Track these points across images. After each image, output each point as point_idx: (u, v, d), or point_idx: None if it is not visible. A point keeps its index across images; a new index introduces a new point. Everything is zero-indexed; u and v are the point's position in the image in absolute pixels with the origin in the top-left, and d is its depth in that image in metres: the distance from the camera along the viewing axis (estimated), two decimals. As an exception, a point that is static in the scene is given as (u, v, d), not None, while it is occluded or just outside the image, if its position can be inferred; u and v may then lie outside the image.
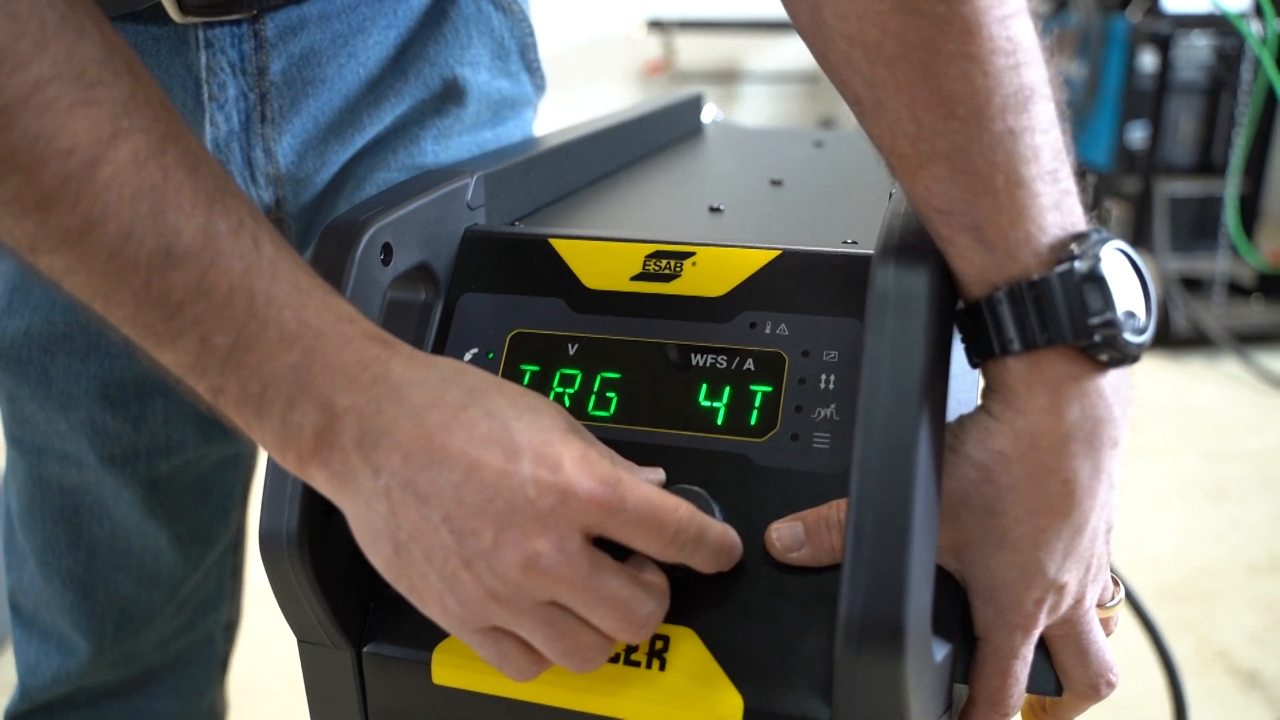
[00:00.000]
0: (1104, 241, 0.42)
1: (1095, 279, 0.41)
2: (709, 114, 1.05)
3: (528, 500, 0.40)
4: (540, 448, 0.40)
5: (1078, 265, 0.41)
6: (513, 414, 0.41)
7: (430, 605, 0.43)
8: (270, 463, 0.47)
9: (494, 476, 0.40)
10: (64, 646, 0.78)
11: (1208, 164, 3.20)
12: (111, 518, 0.75)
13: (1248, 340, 2.98)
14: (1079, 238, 0.42)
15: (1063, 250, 0.41)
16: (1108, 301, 0.41)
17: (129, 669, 0.81)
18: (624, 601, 0.42)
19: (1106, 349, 0.41)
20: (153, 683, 0.83)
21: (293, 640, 0.51)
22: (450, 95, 0.68)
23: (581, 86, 3.82)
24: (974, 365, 0.45)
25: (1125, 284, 0.42)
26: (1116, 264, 0.42)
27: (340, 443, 0.41)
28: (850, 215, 0.63)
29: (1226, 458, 2.43)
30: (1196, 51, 3.12)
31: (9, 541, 0.79)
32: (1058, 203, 0.42)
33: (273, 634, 1.70)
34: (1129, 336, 0.41)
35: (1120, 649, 0.50)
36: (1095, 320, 0.41)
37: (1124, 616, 1.22)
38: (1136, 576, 1.37)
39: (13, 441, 0.74)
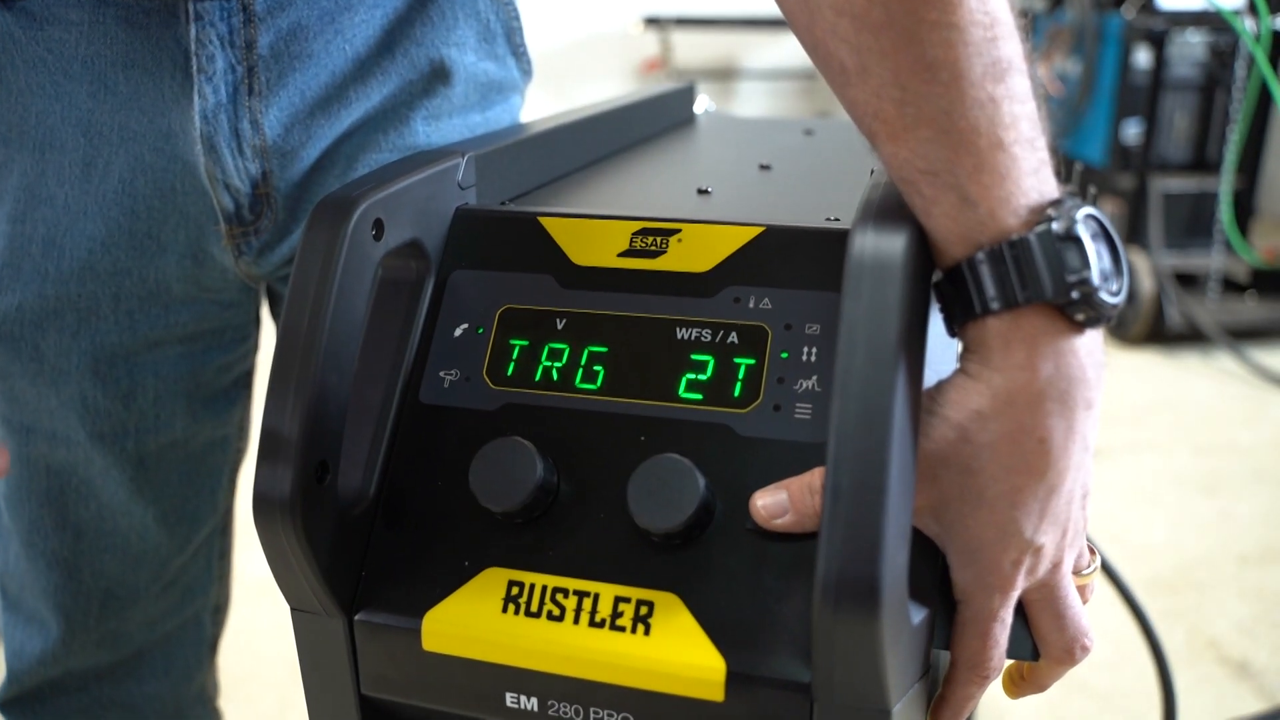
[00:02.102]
0: (1078, 206, 0.43)
1: (1072, 239, 0.42)
2: (701, 105, 1.06)
3: None
4: None
5: (1055, 226, 0.42)
6: None
7: None
8: (263, 432, 0.48)
9: None
10: (47, 629, 0.79)
11: (1202, 161, 3.21)
12: (99, 498, 0.76)
13: (1242, 336, 2.99)
14: (1055, 203, 0.43)
15: (1041, 213, 0.43)
16: (1084, 260, 0.42)
17: (116, 650, 0.82)
18: None
19: (1083, 307, 0.42)
20: (142, 665, 0.84)
21: (287, 631, 0.52)
22: (438, 76, 0.69)
23: (578, 83, 3.82)
24: (952, 333, 0.46)
25: (1099, 246, 0.43)
26: (1091, 228, 0.43)
27: None
28: (835, 196, 0.65)
29: (1220, 451, 2.44)
30: (1191, 48, 3.13)
31: None
32: (1035, 169, 0.44)
33: (270, 624, 1.72)
34: (1104, 296, 0.43)
35: (1111, 638, 0.51)
36: (1073, 278, 0.42)
37: (1115, 606, 1.23)
38: (1129, 567, 1.38)
39: (1, 421, 0.75)
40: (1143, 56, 3.09)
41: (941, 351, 0.49)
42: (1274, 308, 3.08)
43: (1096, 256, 0.43)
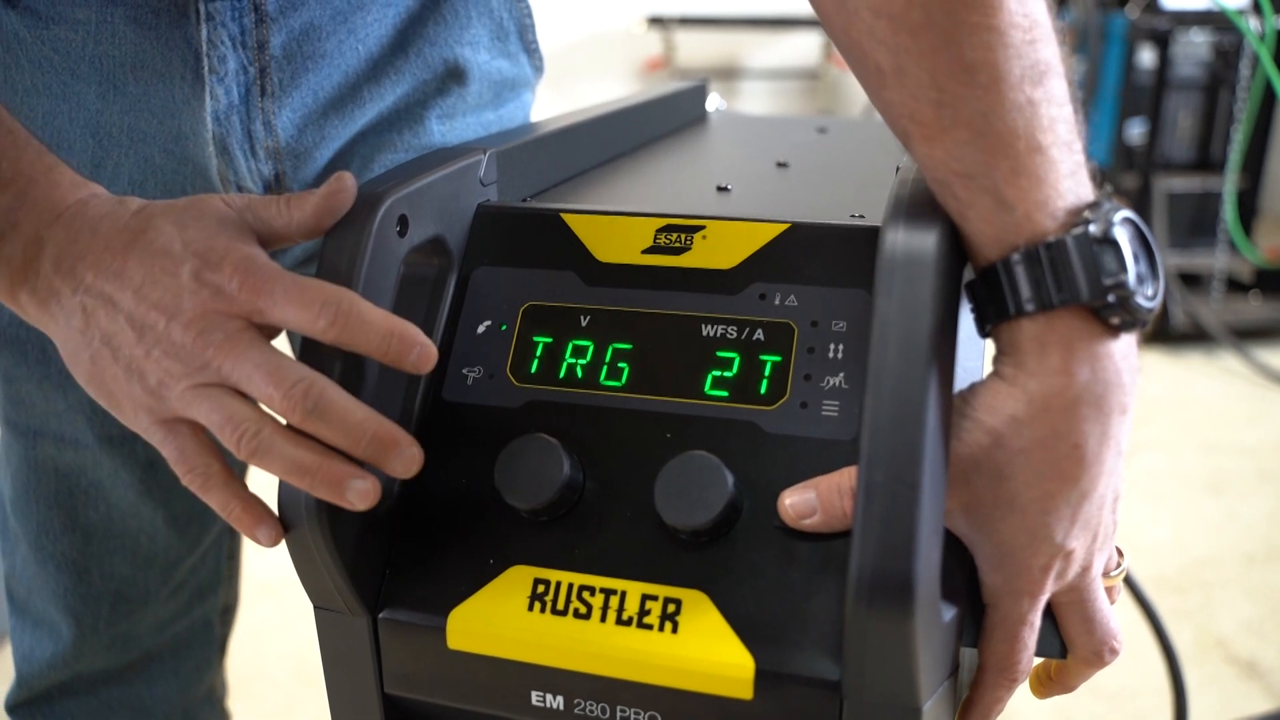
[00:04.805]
0: (1116, 209, 0.43)
1: (1109, 242, 0.42)
2: (712, 103, 1.06)
3: (192, 291, 0.46)
4: (204, 252, 0.47)
5: (1092, 229, 0.42)
6: (177, 229, 0.48)
7: (125, 406, 0.49)
8: None
9: (165, 277, 0.47)
10: (56, 632, 0.79)
11: (1206, 160, 3.21)
12: (108, 500, 0.76)
13: (1246, 335, 2.99)
14: (1092, 205, 0.43)
15: (1077, 215, 0.43)
16: (1121, 263, 0.42)
17: (126, 653, 0.81)
18: (274, 367, 0.46)
19: (1119, 311, 0.42)
20: (151, 667, 0.83)
21: (297, 629, 0.52)
22: (452, 75, 0.69)
23: (582, 83, 3.82)
24: (985, 334, 0.46)
25: (1136, 250, 0.43)
26: (1128, 231, 0.43)
27: (42, 269, 0.49)
28: (856, 193, 0.64)
29: (1225, 451, 2.44)
30: (1195, 48, 3.13)
31: (2, 527, 0.79)
32: (1072, 172, 0.44)
33: (277, 624, 1.71)
34: (1140, 300, 0.42)
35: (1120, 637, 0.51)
36: (1109, 281, 0.42)
37: (1125, 605, 1.23)
38: (1136, 567, 1.38)
39: (8, 425, 0.74)
40: (1147, 56, 3.09)
41: (969, 352, 0.48)
42: (1278, 307, 3.08)
43: (1133, 260, 0.42)
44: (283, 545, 0.49)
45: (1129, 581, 1.13)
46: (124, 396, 0.48)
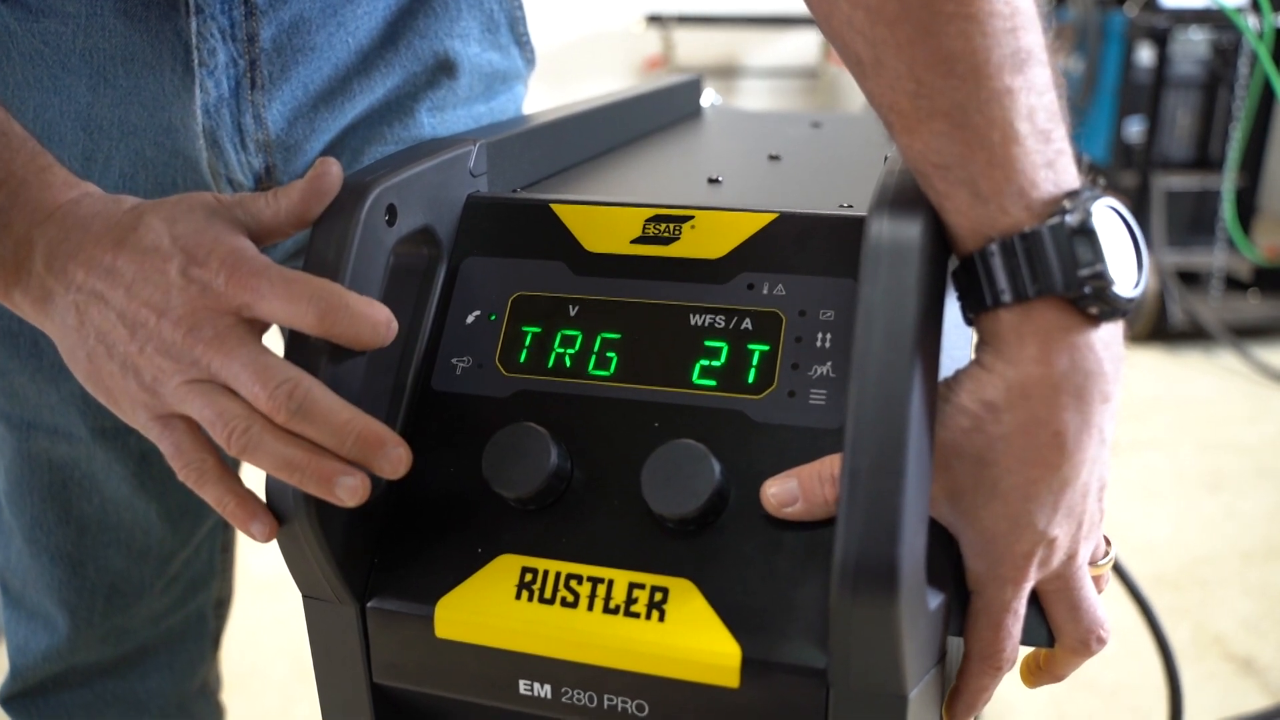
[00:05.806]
0: (1095, 198, 0.43)
1: (1085, 232, 0.42)
2: (707, 98, 1.06)
3: (180, 288, 0.47)
4: (192, 248, 0.47)
5: (1068, 219, 0.42)
6: (167, 225, 0.48)
7: (122, 403, 0.49)
8: None
9: (155, 274, 0.47)
10: (51, 625, 0.79)
11: (1205, 159, 3.21)
12: (101, 492, 0.76)
13: (1244, 334, 2.99)
14: (1071, 194, 0.43)
15: (1055, 205, 0.43)
16: (1097, 254, 0.42)
17: (120, 646, 0.81)
18: (261, 366, 0.46)
19: (1096, 301, 0.42)
20: (145, 660, 0.83)
21: (294, 626, 0.52)
22: (442, 68, 0.69)
23: (581, 81, 3.83)
24: (968, 322, 0.46)
25: (1116, 239, 0.43)
26: (1108, 220, 0.43)
27: (34, 268, 0.49)
28: (846, 184, 0.64)
29: (1223, 449, 2.44)
30: (1194, 46, 3.13)
31: None
32: (1050, 161, 0.43)
33: (274, 620, 1.71)
34: (1119, 290, 0.42)
35: (1116, 634, 0.51)
36: (1085, 272, 0.42)
37: (1121, 602, 1.23)
38: (1133, 564, 1.38)
39: (1, 418, 0.74)
40: (1145, 54, 3.08)
41: (956, 340, 0.48)
42: (1276, 305, 3.08)
43: (1112, 249, 0.42)
44: (274, 537, 0.49)
45: (1125, 578, 1.13)
46: (121, 393, 0.48)
